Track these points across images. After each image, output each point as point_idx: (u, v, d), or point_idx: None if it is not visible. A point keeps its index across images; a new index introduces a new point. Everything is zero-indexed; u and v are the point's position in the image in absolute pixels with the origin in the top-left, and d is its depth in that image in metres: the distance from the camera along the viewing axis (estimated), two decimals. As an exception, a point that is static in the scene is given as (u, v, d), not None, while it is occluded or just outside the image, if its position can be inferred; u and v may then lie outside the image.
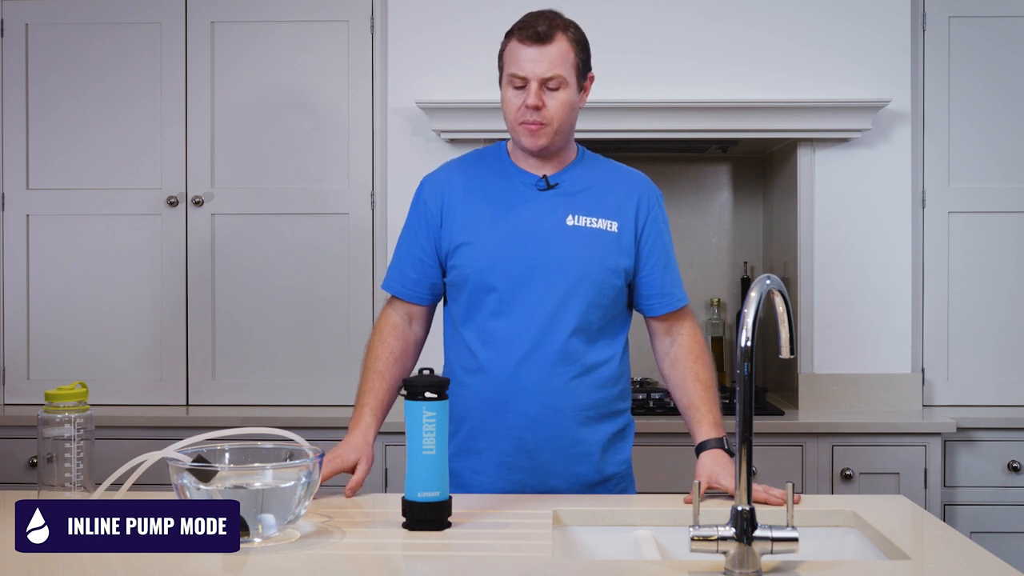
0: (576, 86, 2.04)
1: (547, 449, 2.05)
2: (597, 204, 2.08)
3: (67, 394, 1.83)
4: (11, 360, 3.45)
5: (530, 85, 2.00)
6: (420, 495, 1.73)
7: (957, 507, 3.12)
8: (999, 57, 3.37)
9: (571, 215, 2.07)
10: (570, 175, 2.11)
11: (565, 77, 2.01)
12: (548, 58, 1.99)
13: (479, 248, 2.06)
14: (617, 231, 2.08)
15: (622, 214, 2.09)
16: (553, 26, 2.01)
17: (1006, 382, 3.37)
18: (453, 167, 2.17)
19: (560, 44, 2.00)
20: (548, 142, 2.05)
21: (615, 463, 2.12)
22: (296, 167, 3.40)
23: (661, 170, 3.82)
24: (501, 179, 2.11)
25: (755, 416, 2.85)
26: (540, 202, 2.07)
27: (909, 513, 1.87)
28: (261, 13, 3.41)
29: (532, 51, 2.00)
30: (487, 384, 2.06)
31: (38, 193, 3.45)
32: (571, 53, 2.02)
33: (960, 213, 3.38)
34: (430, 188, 2.15)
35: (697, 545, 1.47)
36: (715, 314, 3.73)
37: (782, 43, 3.32)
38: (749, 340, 1.49)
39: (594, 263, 2.05)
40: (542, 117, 2.01)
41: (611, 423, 2.11)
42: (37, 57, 3.43)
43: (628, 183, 2.13)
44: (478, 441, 2.08)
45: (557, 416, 2.04)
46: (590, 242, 2.05)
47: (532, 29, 2.00)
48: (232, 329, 3.41)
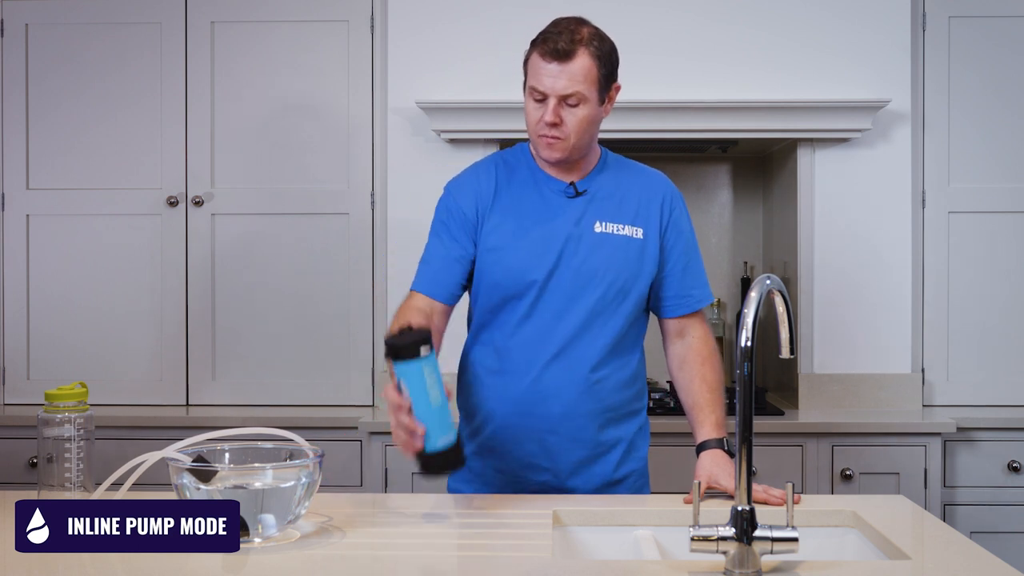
0: (597, 100, 2.03)
1: (569, 450, 2.06)
2: (623, 210, 2.10)
3: (67, 394, 1.83)
4: (11, 360, 3.46)
5: (548, 101, 1.99)
6: (440, 443, 1.75)
7: (957, 507, 3.12)
8: (999, 57, 3.37)
9: (599, 221, 2.08)
10: (596, 181, 2.12)
11: (585, 94, 1.99)
12: (568, 75, 1.97)
13: (510, 254, 2.06)
14: (643, 238, 2.09)
15: (647, 219, 2.10)
16: (575, 41, 1.98)
17: (1006, 382, 3.37)
18: (481, 172, 2.15)
19: (581, 61, 1.98)
20: (565, 156, 2.05)
21: (633, 460, 2.13)
22: (296, 167, 3.40)
23: (661, 170, 3.79)
24: (530, 186, 2.11)
25: (755, 416, 2.85)
26: (570, 209, 2.08)
27: (909, 513, 1.87)
28: (261, 13, 3.41)
29: (552, 67, 1.98)
30: (511, 386, 2.07)
31: (38, 193, 3.45)
32: (593, 69, 1.99)
33: (960, 213, 3.38)
34: (462, 191, 2.12)
35: (697, 545, 1.47)
36: (715, 314, 3.73)
37: (782, 43, 3.32)
38: (749, 340, 1.49)
39: (622, 269, 2.06)
40: (560, 132, 2.01)
41: (630, 423, 2.12)
42: (37, 57, 3.43)
43: (651, 187, 2.15)
44: (503, 442, 2.09)
45: (580, 419, 2.06)
46: (617, 249, 2.06)
47: (553, 44, 1.97)
48: (232, 329, 3.41)
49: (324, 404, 3.38)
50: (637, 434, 2.15)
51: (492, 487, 2.10)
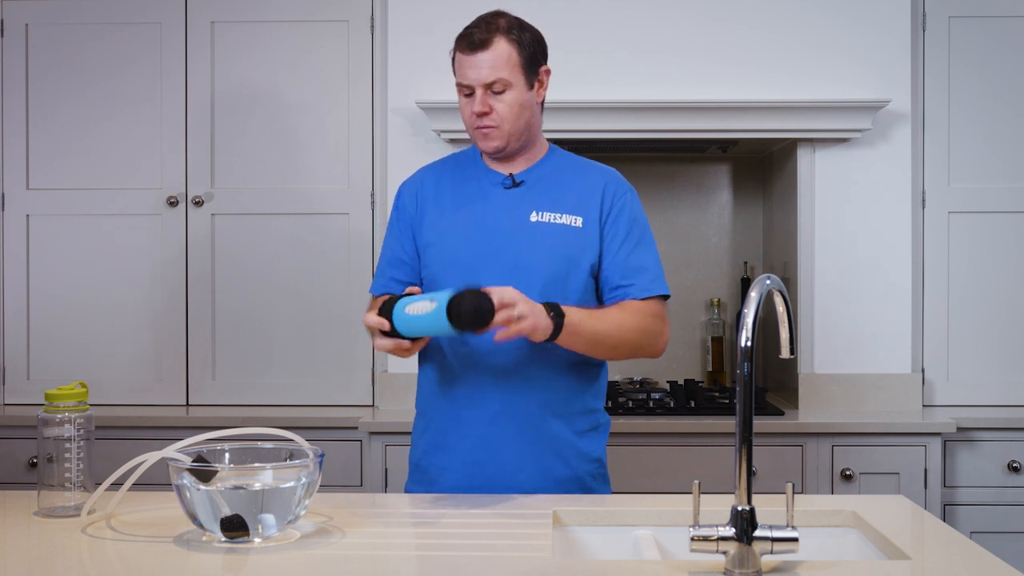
0: (525, 84, 2.06)
1: (514, 444, 2.05)
2: (562, 199, 2.09)
3: (67, 394, 1.83)
4: (11, 360, 3.46)
5: (476, 92, 2.04)
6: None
7: (957, 507, 3.12)
8: (999, 57, 3.37)
9: (535, 211, 2.08)
10: (537, 172, 2.13)
11: (508, 79, 2.03)
12: (487, 64, 2.03)
13: (443, 247, 2.09)
14: (582, 226, 2.08)
15: (587, 208, 2.09)
16: (491, 30, 2.04)
17: (1006, 382, 3.37)
18: (427, 170, 2.22)
19: (499, 47, 2.03)
20: (504, 143, 2.08)
21: (586, 460, 2.11)
22: (296, 167, 3.40)
23: (661, 170, 3.82)
24: (470, 179, 2.15)
25: (755, 416, 2.85)
26: (504, 200, 2.10)
27: (909, 513, 1.87)
28: (261, 13, 3.41)
29: (472, 58, 2.04)
30: (454, 380, 2.08)
31: (38, 193, 3.45)
32: (514, 54, 2.04)
33: (960, 213, 3.38)
34: (407, 191, 2.20)
35: (697, 545, 1.47)
36: (715, 314, 3.73)
37: (782, 43, 3.32)
38: (749, 340, 1.49)
39: (556, 258, 2.05)
40: (491, 120, 2.05)
41: (582, 419, 2.11)
42: (37, 57, 3.44)
43: (594, 178, 2.13)
44: (447, 437, 2.10)
45: (523, 410, 2.04)
46: (553, 238, 2.06)
47: (470, 37, 2.04)
48: (232, 329, 3.41)
49: (324, 404, 3.38)
50: (590, 432, 2.12)
51: (436, 487, 2.09)
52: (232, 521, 1.59)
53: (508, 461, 2.06)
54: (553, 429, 2.07)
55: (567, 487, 2.09)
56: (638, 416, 3.14)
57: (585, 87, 3.29)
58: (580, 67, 3.30)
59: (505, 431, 2.06)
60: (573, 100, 3.22)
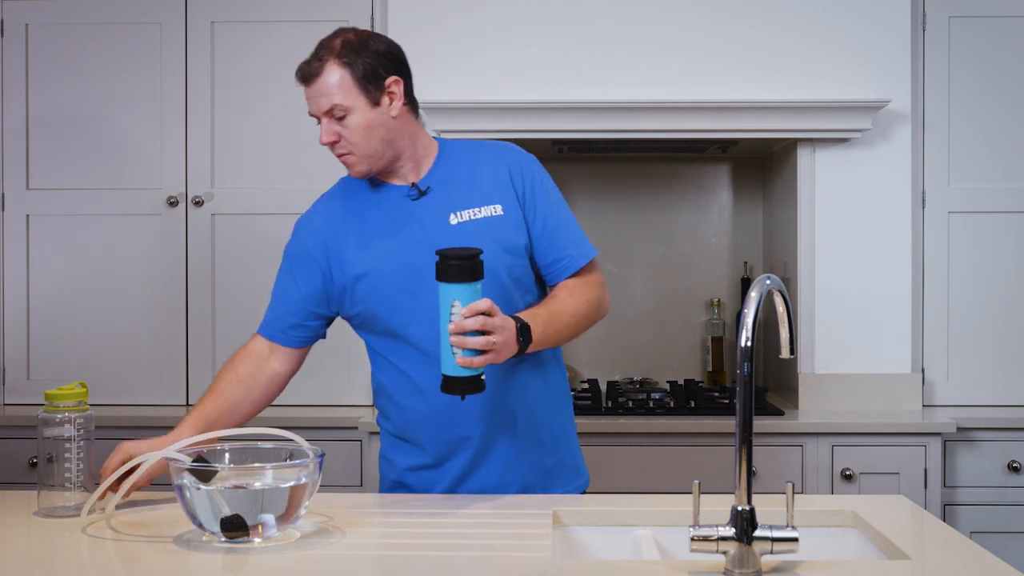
0: (367, 103, 1.97)
1: (499, 445, 2.04)
2: (473, 193, 2.03)
3: (67, 394, 1.83)
4: (11, 360, 3.45)
5: (322, 123, 1.99)
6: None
7: (957, 507, 3.12)
8: (999, 57, 3.37)
9: (452, 213, 2.02)
10: (437, 174, 2.06)
11: (344, 104, 1.95)
12: (319, 92, 1.96)
13: (379, 275, 2.01)
14: (503, 212, 2.02)
15: (501, 194, 2.04)
16: (319, 57, 1.97)
17: (1006, 382, 3.37)
18: (326, 202, 2.13)
19: (328, 75, 1.95)
20: (366, 167, 2.01)
21: (564, 442, 2.12)
22: (296, 167, 3.40)
23: (661, 170, 3.82)
24: (374, 202, 2.06)
25: (755, 416, 2.85)
26: (418, 210, 2.03)
27: (909, 513, 1.87)
28: (261, 13, 3.41)
29: (307, 91, 1.98)
30: (429, 402, 2.02)
31: (38, 193, 3.45)
32: (345, 76, 1.95)
33: (960, 213, 3.38)
34: (307, 230, 2.10)
35: (697, 545, 1.47)
36: (715, 314, 3.73)
37: (782, 43, 3.32)
38: (749, 340, 1.49)
39: (489, 252, 1.94)
40: (344, 148, 1.99)
41: (555, 401, 2.10)
42: (37, 57, 3.43)
43: (496, 161, 2.07)
44: (428, 456, 2.07)
45: (501, 412, 2.02)
46: (481, 232, 1.99)
47: (301, 71, 1.99)
48: (232, 329, 3.41)
49: (324, 404, 3.38)
50: (561, 413, 2.12)
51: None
52: (232, 521, 1.59)
53: (498, 464, 2.05)
54: (536, 419, 2.06)
55: (556, 473, 2.09)
56: (638, 416, 3.14)
57: (585, 87, 3.29)
58: (580, 67, 3.30)
59: (490, 436, 2.03)
60: (573, 100, 3.22)
